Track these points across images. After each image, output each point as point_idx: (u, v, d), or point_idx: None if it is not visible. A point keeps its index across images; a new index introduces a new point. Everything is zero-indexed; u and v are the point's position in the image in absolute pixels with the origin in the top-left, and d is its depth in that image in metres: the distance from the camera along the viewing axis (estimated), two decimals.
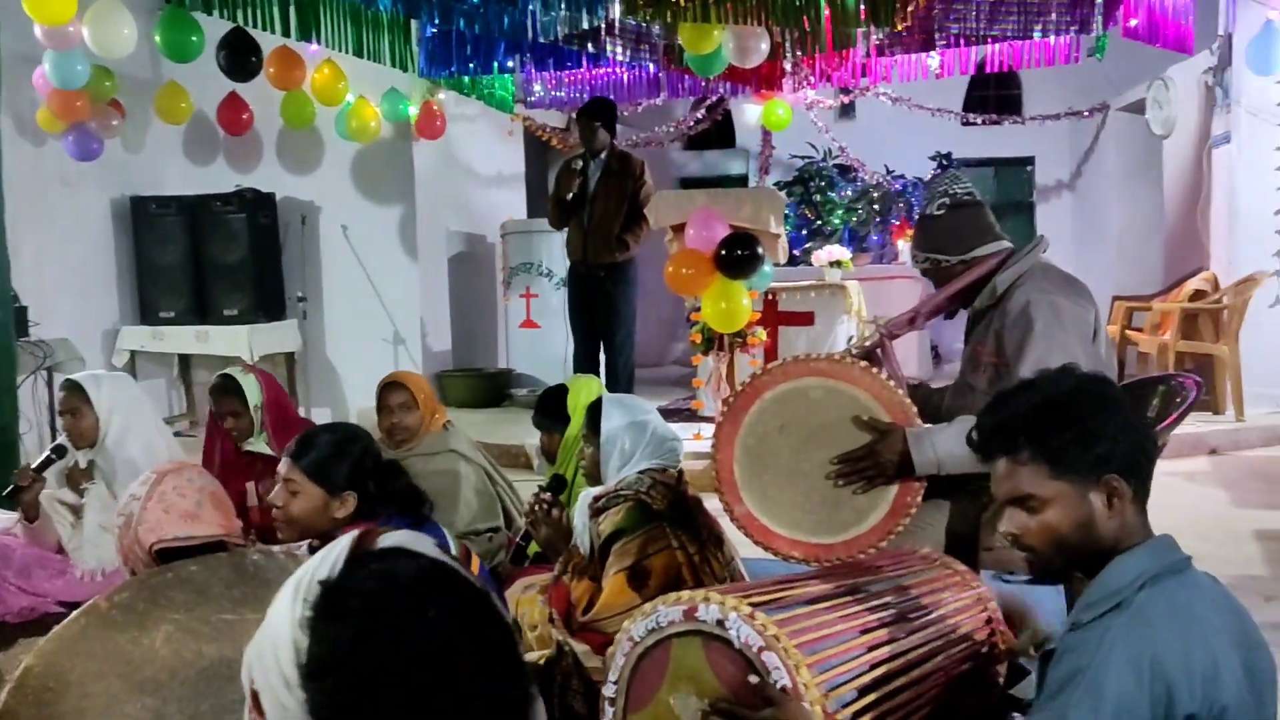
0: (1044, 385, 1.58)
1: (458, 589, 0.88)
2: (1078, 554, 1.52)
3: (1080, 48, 6.28)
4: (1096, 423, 1.50)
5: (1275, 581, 3.82)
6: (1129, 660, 1.37)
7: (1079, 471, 1.49)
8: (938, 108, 9.35)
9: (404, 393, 3.66)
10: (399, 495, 2.35)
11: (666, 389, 7.96)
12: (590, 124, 5.92)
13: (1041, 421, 1.51)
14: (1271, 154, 6.48)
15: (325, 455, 2.29)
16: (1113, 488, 1.49)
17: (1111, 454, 1.49)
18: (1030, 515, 1.52)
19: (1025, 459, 1.51)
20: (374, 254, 7.39)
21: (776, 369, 2.34)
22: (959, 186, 2.61)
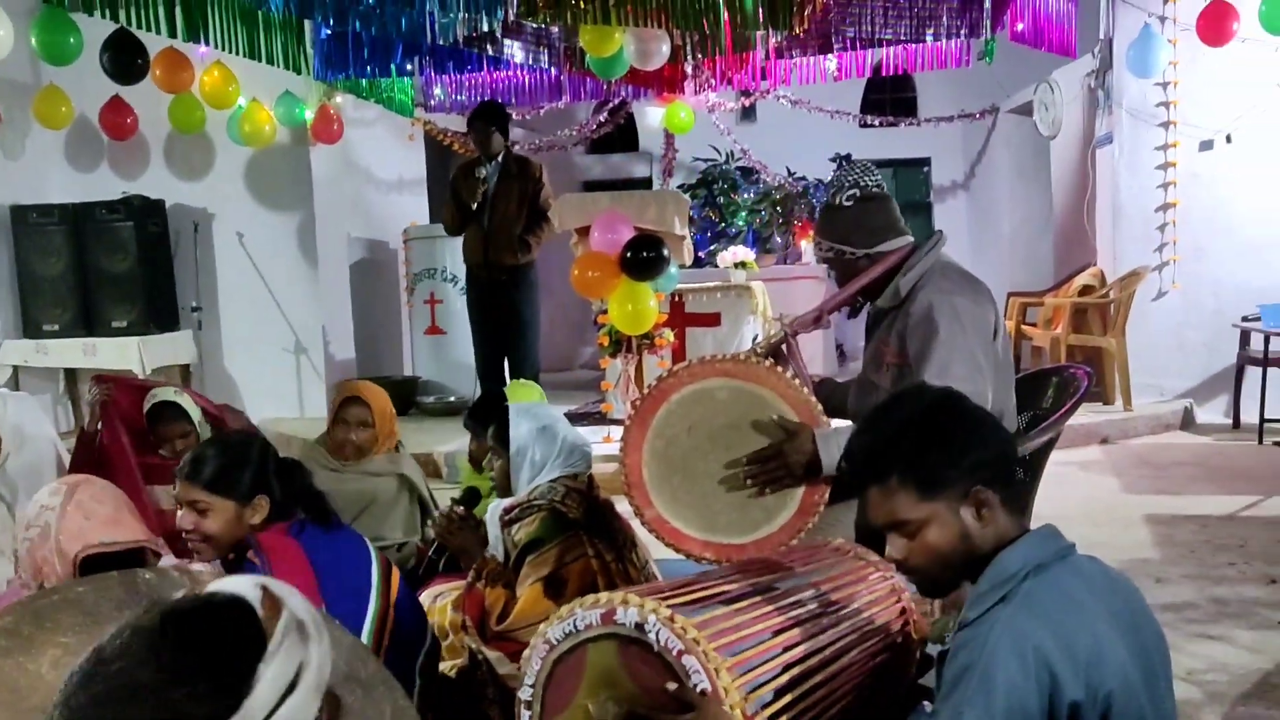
0: (900, 408, 1.62)
1: None
2: (962, 567, 1.55)
3: (970, 51, 6.46)
4: (955, 440, 1.54)
5: (1165, 564, 3.97)
6: (1014, 650, 1.39)
7: (947, 489, 1.52)
8: (836, 110, 9.54)
9: (363, 409, 3.49)
10: (304, 495, 2.26)
11: (575, 393, 7.94)
12: (485, 128, 5.86)
13: (902, 447, 1.54)
14: (1152, 153, 6.77)
15: (224, 465, 2.19)
16: (980, 499, 1.52)
17: (974, 467, 1.52)
18: (910, 539, 1.55)
19: (894, 486, 1.55)
20: (272, 261, 7.19)
21: (683, 370, 2.34)
22: (869, 179, 2.60)
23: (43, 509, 2.03)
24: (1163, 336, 6.75)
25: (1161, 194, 6.78)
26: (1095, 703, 1.39)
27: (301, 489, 2.27)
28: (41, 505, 2.04)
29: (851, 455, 1.64)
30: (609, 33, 5.39)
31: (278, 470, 2.26)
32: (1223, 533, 4.35)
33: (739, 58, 6.49)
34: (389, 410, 3.57)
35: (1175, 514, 4.66)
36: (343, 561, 2.18)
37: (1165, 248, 6.79)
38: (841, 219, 2.60)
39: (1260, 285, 6.26)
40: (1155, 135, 6.75)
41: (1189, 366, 6.78)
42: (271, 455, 2.27)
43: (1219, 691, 2.82)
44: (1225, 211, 6.62)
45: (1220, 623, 3.33)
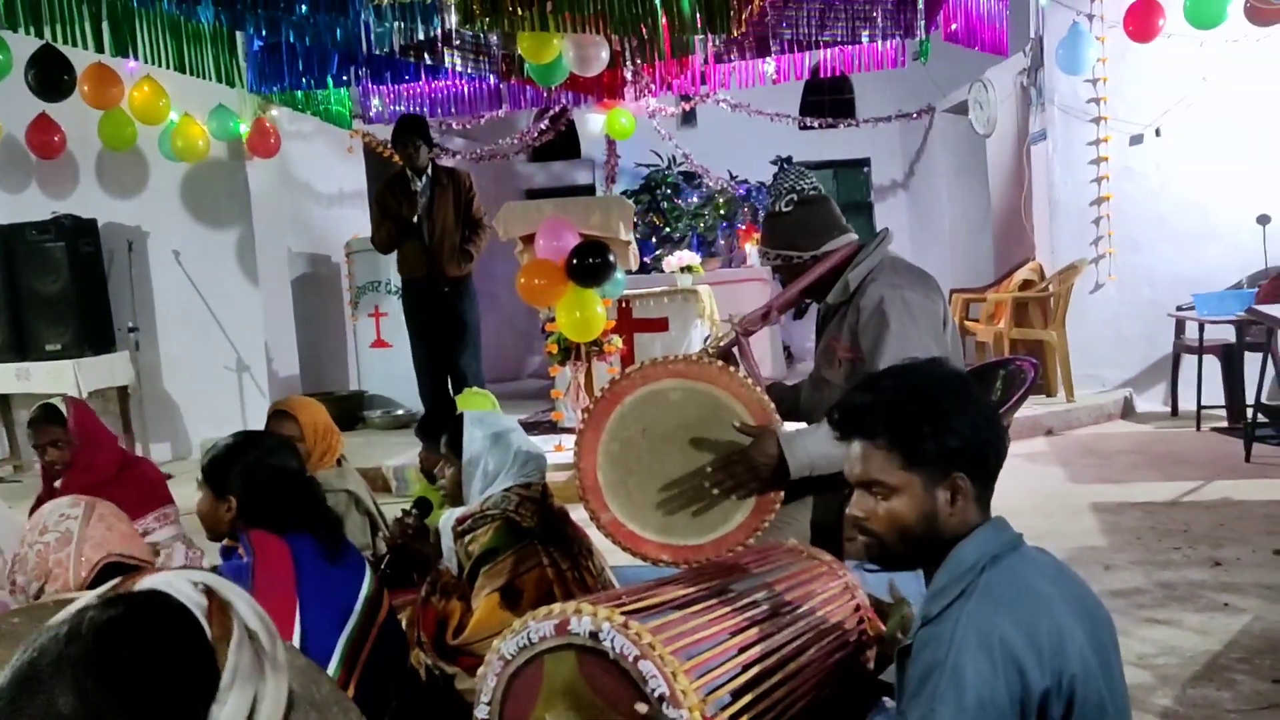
0: (908, 375, 1.61)
1: None
2: (916, 545, 1.55)
3: (906, 52, 6.54)
4: (953, 420, 1.53)
5: (1112, 551, 4.04)
6: (981, 645, 1.40)
7: (929, 465, 1.52)
8: (776, 112, 9.60)
9: (291, 424, 3.39)
10: (304, 515, 2.24)
11: (525, 402, 7.88)
12: (411, 141, 5.82)
13: (901, 411, 1.54)
14: (1084, 148, 6.91)
15: (216, 457, 2.29)
16: (958, 486, 1.52)
17: (962, 452, 1.52)
18: (877, 501, 1.55)
19: (881, 445, 1.54)
20: (211, 279, 7.06)
21: (635, 373, 2.33)
22: (805, 183, 2.63)
23: (63, 517, 2.15)
24: (1101, 328, 6.88)
25: (1095, 188, 6.92)
26: (1061, 688, 1.40)
27: (300, 509, 2.25)
28: (62, 514, 2.16)
29: (847, 407, 1.61)
30: (547, 39, 5.37)
31: (269, 480, 2.25)
32: (1167, 518, 4.43)
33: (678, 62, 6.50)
34: (322, 423, 3.49)
35: (1121, 501, 4.74)
36: (330, 575, 2.17)
37: (1101, 240, 6.92)
38: (783, 225, 2.62)
39: (1193, 275, 6.41)
40: (1087, 131, 6.89)
41: (1128, 356, 6.92)
42: (267, 464, 2.27)
43: (1170, 674, 2.86)
44: (1157, 203, 6.78)
45: (1168, 607, 3.38)
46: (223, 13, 4.77)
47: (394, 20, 4.75)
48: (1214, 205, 6.60)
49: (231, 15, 4.85)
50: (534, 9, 4.51)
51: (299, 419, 3.41)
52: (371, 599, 2.18)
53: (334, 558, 2.20)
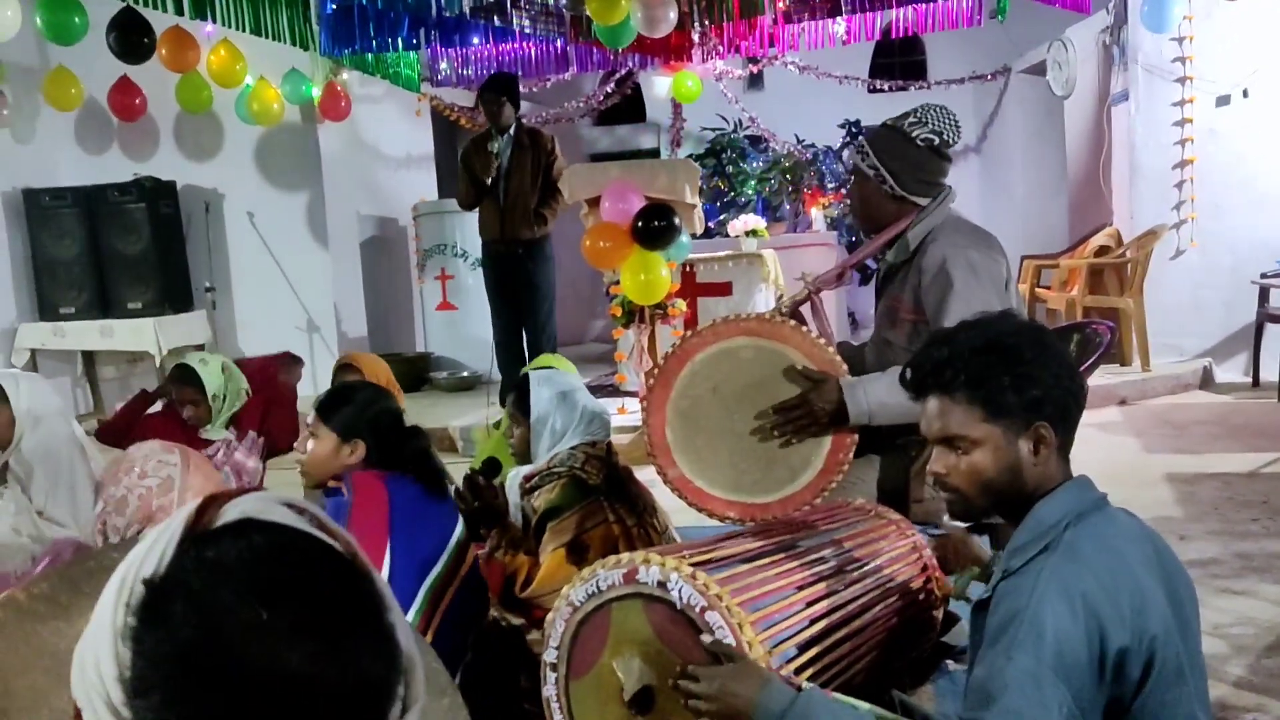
0: (984, 327, 1.57)
1: (304, 570, 0.75)
2: (1000, 498, 1.52)
3: (982, 11, 6.38)
4: (1033, 369, 1.50)
5: (1187, 521, 3.95)
6: (1063, 596, 1.38)
7: (1011, 416, 1.49)
8: (845, 75, 9.43)
9: (354, 373, 3.55)
10: (412, 458, 2.34)
11: (589, 365, 7.92)
12: (496, 100, 5.81)
13: (979, 363, 1.51)
14: (1168, 109, 6.69)
15: (338, 401, 2.38)
16: (1040, 435, 1.49)
17: (1044, 401, 1.49)
18: (959, 456, 1.52)
19: (960, 399, 1.51)
20: (283, 241, 7.19)
21: (707, 330, 2.33)
22: (950, 133, 2.52)
23: (161, 463, 2.15)
24: (1180, 296, 6.69)
25: (1178, 151, 6.70)
26: (1141, 647, 1.38)
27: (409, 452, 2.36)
28: (159, 460, 2.15)
29: (920, 363, 1.58)
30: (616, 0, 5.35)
31: (391, 427, 2.38)
32: (1245, 490, 4.32)
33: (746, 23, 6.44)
34: (384, 378, 3.61)
35: (1197, 472, 4.63)
36: (424, 520, 2.24)
37: (1183, 206, 6.71)
38: (904, 151, 2.52)
39: (1278, 241, 6.19)
40: (1172, 91, 6.66)
41: (1207, 326, 6.72)
42: (389, 411, 2.40)
43: (1245, 645, 2.81)
44: (1243, 167, 6.54)
45: (1245, 578, 3.31)
46: None
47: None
48: None
49: None
50: None
51: (363, 371, 3.56)
52: (458, 548, 2.23)
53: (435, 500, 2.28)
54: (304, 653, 0.71)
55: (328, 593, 0.74)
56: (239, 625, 0.70)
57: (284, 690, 0.70)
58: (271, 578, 0.73)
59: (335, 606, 0.74)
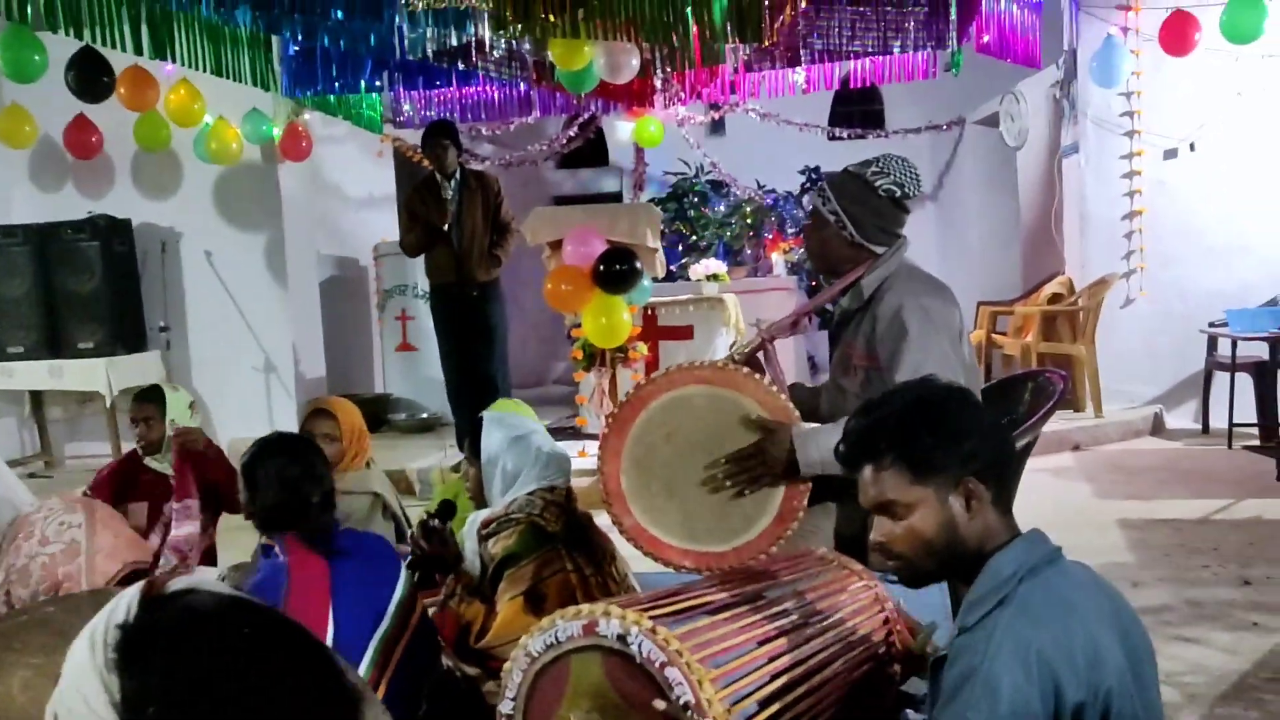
0: (903, 393, 1.63)
1: (261, 617, 0.86)
2: (944, 558, 1.54)
3: (937, 63, 6.51)
4: (953, 427, 1.54)
5: (1140, 568, 4.00)
6: (1016, 654, 1.39)
7: (939, 475, 1.52)
8: (805, 123, 9.58)
9: (330, 423, 3.44)
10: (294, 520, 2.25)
11: (550, 408, 7.89)
12: (440, 144, 5.85)
13: (901, 428, 1.55)
14: (1117, 162, 6.86)
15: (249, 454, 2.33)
16: (970, 490, 1.52)
17: (969, 457, 1.52)
18: (896, 522, 1.55)
19: (887, 465, 1.54)
20: (241, 280, 7.12)
21: (661, 378, 2.33)
22: (911, 186, 2.55)
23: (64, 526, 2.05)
24: (1132, 343, 6.82)
25: (1127, 202, 6.86)
26: (1096, 701, 1.39)
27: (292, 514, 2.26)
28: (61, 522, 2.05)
29: (849, 434, 1.62)
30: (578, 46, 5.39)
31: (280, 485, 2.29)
32: (1196, 536, 4.38)
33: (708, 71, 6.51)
34: (358, 426, 3.53)
35: (1149, 518, 4.69)
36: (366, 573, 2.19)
37: (1132, 255, 6.86)
38: (865, 199, 2.53)
39: (1226, 291, 6.34)
40: (1120, 144, 6.84)
41: (1158, 372, 6.85)
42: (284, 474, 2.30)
43: (1198, 693, 2.83)
44: (1190, 219, 6.71)
45: (1197, 625, 3.35)
46: (260, 17, 4.83)
47: (427, 26, 4.79)
48: (1248, 221, 6.53)
49: (268, 19, 4.90)
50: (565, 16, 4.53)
51: (338, 418, 3.47)
52: (406, 598, 2.19)
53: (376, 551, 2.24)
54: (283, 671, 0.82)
55: (286, 638, 0.85)
56: (220, 649, 0.81)
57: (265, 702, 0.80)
58: (237, 616, 0.84)
59: (296, 652, 0.85)
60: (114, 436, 6.43)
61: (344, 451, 3.43)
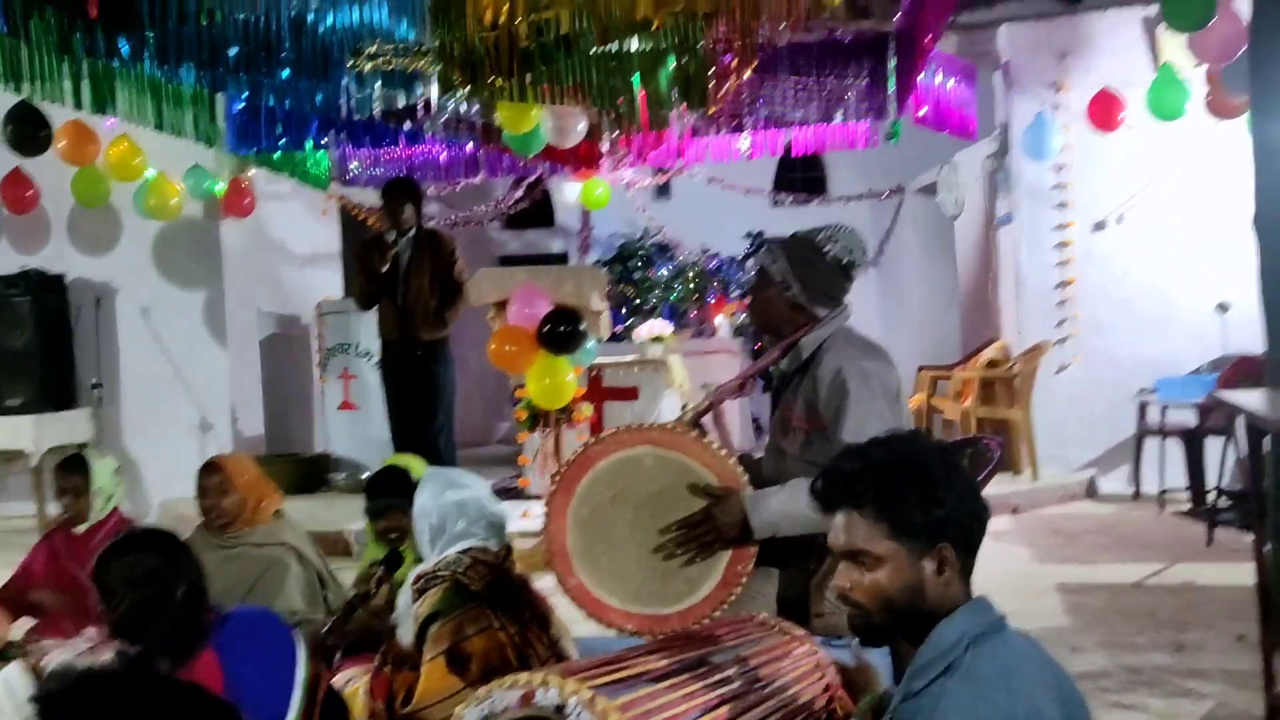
0: (895, 445, 1.60)
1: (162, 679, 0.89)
2: (901, 617, 1.53)
3: (878, 134, 6.69)
4: (940, 490, 1.52)
5: (1077, 632, 4.03)
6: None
7: (915, 537, 1.51)
8: (749, 188, 9.75)
9: (219, 475, 3.45)
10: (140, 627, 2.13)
11: (493, 468, 7.81)
12: (397, 200, 5.84)
13: (889, 480, 1.53)
14: (1050, 232, 7.05)
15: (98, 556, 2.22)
16: (944, 557, 1.51)
17: (949, 524, 1.52)
18: (863, 572, 1.53)
19: (868, 514, 1.53)
20: (178, 336, 7.00)
21: (610, 438, 2.32)
22: (858, 255, 2.60)
23: None
24: (1066, 408, 6.95)
25: (1060, 271, 7.05)
26: None
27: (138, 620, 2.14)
28: None
29: (832, 475, 1.59)
30: (526, 110, 5.46)
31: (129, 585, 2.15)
32: (1131, 601, 4.44)
33: (655, 135, 6.61)
34: (252, 475, 3.53)
35: (1085, 583, 4.75)
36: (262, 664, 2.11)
37: (1066, 323, 7.03)
38: (813, 263, 2.57)
39: (1156, 359, 6.50)
40: (1052, 215, 7.04)
41: (1092, 437, 6.98)
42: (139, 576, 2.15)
43: None
44: (1120, 288, 6.91)
45: (1134, 691, 3.37)
46: (205, 75, 4.81)
47: (375, 86, 4.80)
48: (1175, 292, 6.74)
49: (214, 77, 4.90)
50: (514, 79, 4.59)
51: (225, 469, 3.46)
52: (309, 680, 2.12)
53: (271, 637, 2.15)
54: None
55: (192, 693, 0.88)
56: None
57: None
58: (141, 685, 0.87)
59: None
60: (39, 497, 6.23)
61: (243, 502, 3.42)
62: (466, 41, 4.22)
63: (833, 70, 5.92)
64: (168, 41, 4.31)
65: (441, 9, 4.17)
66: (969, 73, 6.60)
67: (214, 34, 4.29)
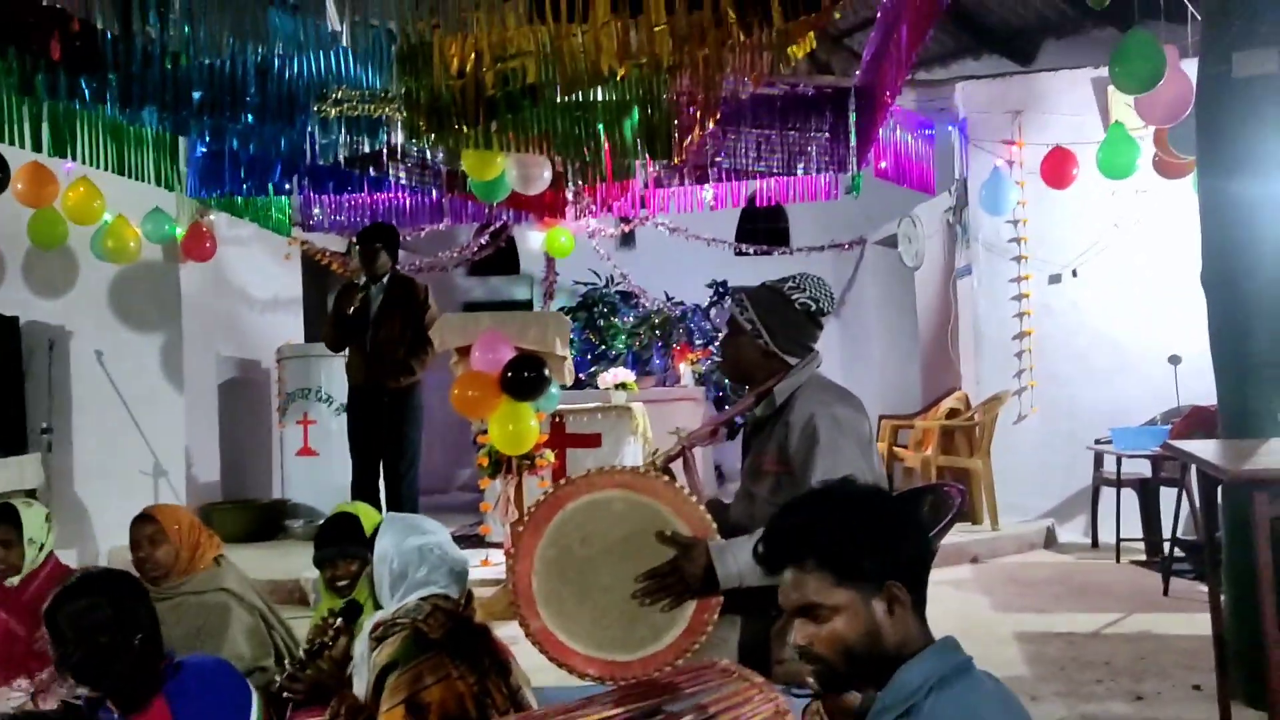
0: (825, 496, 1.63)
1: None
2: (863, 662, 1.53)
3: (839, 186, 6.81)
4: (877, 531, 1.54)
5: (1037, 681, 4.04)
6: None
7: (862, 579, 1.52)
8: (713, 238, 9.85)
9: (151, 525, 3.35)
10: None
11: (454, 515, 7.73)
12: (372, 246, 5.85)
13: (824, 530, 1.55)
14: (1007, 285, 7.18)
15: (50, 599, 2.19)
16: (894, 594, 1.52)
17: (892, 561, 1.53)
18: (818, 625, 1.54)
19: (811, 567, 1.54)
20: (133, 381, 6.90)
21: (580, 480, 2.32)
22: (826, 303, 2.63)
23: None
24: (1025, 458, 7.03)
25: (1018, 323, 7.16)
26: None
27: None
28: None
29: (771, 535, 1.61)
30: (491, 158, 5.49)
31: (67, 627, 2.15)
32: (1089, 650, 4.46)
33: (619, 185, 6.68)
34: (186, 523, 3.44)
35: (1044, 631, 4.77)
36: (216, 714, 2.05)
37: (1023, 373, 7.13)
38: (783, 311, 2.60)
39: (1111, 409, 6.61)
40: (1009, 268, 7.17)
41: (1050, 487, 7.06)
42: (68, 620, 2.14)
43: None
44: (1076, 340, 7.03)
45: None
46: (168, 118, 4.79)
47: (340, 132, 4.80)
48: (1128, 344, 6.87)
49: (176, 121, 4.86)
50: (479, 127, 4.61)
51: (159, 519, 3.37)
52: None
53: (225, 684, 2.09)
54: None
55: None
56: None
57: None
58: None
59: None
60: None
61: (177, 553, 3.33)
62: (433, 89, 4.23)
63: (795, 124, 6.04)
64: (131, 84, 4.28)
65: (409, 57, 4.20)
66: (927, 128, 6.76)
67: (179, 77, 4.27)
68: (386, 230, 6.06)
